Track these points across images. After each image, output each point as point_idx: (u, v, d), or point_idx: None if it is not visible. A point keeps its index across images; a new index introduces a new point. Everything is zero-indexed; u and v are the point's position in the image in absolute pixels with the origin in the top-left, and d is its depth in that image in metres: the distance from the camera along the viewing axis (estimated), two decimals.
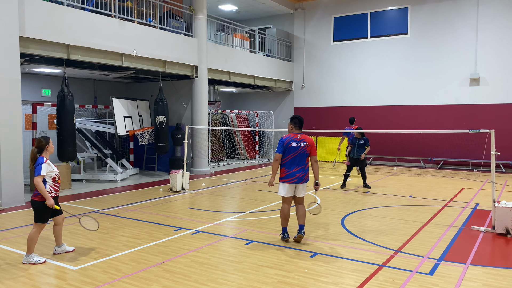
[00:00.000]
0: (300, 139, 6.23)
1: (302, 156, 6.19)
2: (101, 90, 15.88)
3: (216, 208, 8.92)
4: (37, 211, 5.48)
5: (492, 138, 7.00)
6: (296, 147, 6.17)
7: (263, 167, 16.53)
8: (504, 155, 14.52)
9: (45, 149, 5.55)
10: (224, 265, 5.35)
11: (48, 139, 5.61)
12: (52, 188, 5.55)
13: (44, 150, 5.54)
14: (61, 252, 5.84)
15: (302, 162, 6.20)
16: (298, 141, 6.21)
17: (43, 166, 5.40)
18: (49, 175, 5.49)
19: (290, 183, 6.19)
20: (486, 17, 15.20)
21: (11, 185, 8.81)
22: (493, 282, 4.80)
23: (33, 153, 5.54)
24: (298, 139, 6.23)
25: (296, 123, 6.36)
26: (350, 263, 5.43)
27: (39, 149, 5.52)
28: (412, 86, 16.68)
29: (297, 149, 6.17)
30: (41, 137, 5.62)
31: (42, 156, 5.52)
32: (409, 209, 8.76)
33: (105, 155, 13.19)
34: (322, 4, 18.70)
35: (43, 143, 5.52)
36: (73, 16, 10.04)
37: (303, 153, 6.19)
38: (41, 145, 5.52)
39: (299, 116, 6.43)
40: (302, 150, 6.19)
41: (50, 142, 5.62)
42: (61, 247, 5.85)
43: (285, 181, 6.21)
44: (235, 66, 15.76)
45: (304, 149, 6.20)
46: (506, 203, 6.75)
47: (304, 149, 6.20)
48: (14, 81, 8.85)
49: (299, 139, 6.23)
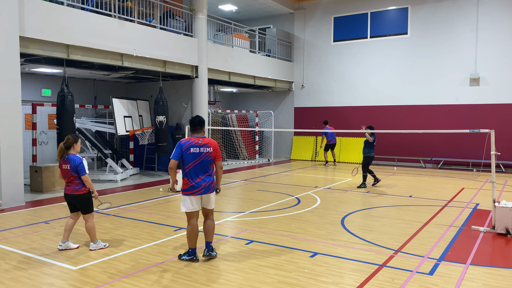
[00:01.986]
0: (203, 143, 5.35)
1: (206, 163, 5.36)
2: (101, 90, 15.88)
3: (216, 208, 8.87)
4: (85, 203, 5.93)
5: (492, 138, 7.00)
6: (198, 153, 5.30)
7: (263, 167, 16.54)
8: (504, 155, 14.52)
9: (73, 146, 5.92)
10: (224, 265, 5.35)
11: (77, 138, 6.02)
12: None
13: (72, 148, 5.91)
14: (65, 249, 5.91)
15: (207, 169, 5.38)
16: (201, 146, 5.33)
17: (86, 164, 5.88)
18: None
19: (196, 195, 5.34)
20: (486, 17, 15.20)
21: (11, 185, 8.81)
22: (493, 282, 4.80)
23: (61, 148, 5.89)
24: (200, 143, 5.34)
25: (194, 125, 5.47)
26: (350, 263, 5.43)
27: (67, 145, 5.88)
28: (412, 86, 16.68)
29: (200, 156, 5.30)
30: (71, 135, 5.99)
31: (73, 153, 5.90)
32: (409, 209, 8.76)
33: (105, 155, 13.20)
34: (322, 4, 18.70)
35: (71, 141, 5.92)
36: (73, 16, 10.04)
37: (206, 159, 5.35)
38: (69, 142, 5.91)
39: (197, 117, 5.50)
40: (206, 156, 5.34)
41: (78, 141, 6.02)
42: (65, 243, 5.96)
43: (189, 193, 5.32)
44: (235, 66, 15.76)
45: (208, 155, 5.36)
46: (506, 203, 6.76)
47: (208, 155, 5.36)
48: (14, 81, 8.85)
49: (202, 144, 5.34)
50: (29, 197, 9.83)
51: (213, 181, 5.47)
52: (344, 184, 12.07)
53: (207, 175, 5.39)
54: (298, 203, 9.29)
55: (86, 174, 5.84)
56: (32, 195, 10.20)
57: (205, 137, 5.48)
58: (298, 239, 6.48)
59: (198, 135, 5.46)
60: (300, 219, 7.82)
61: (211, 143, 5.41)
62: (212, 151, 5.40)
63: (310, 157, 18.87)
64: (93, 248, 5.92)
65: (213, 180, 5.46)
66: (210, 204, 5.50)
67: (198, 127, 5.46)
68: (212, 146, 5.41)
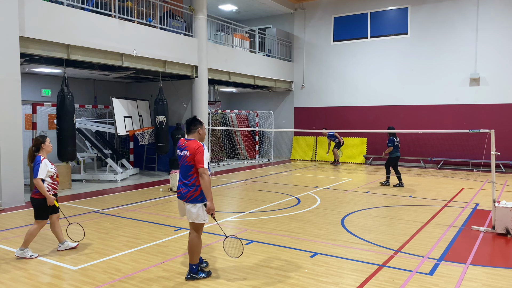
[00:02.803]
0: (184, 146, 4.83)
1: (184, 168, 4.80)
2: (101, 90, 15.88)
3: (216, 208, 8.88)
4: (37, 209, 5.67)
5: (492, 138, 7.00)
6: (180, 155, 4.87)
7: (263, 167, 16.53)
8: (504, 155, 14.51)
9: (41, 147, 5.69)
10: (224, 265, 5.35)
11: (45, 137, 5.76)
12: (50, 187, 5.70)
13: (41, 149, 5.69)
14: (65, 249, 5.90)
15: (186, 176, 4.78)
16: (182, 148, 4.84)
17: (41, 166, 5.54)
18: (47, 174, 5.60)
19: (177, 197, 4.95)
20: (486, 17, 15.20)
21: (11, 185, 8.81)
22: (493, 282, 4.80)
23: (30, 151, 5.70)
24: (182, 146, 4.86)
25: (186, 126, 5.00)
26: (350, 263, 5.43)
27: (36, 147, 5.68)
28: (412, 86, 16.68)
29: (180, 159, 4.86)
30: (38, 136, 5.78)
31: (40, 155, 5.65)
32: (409, 209, 8.76)
33: (105, 155, 13.19)
34: (322, 4, 18.70)
35: (39, 141, 5.69)
36: (73, 16, 10.04)
37: (183, 164, 4.80)
38: (37, 143, 5.69)
39: (192, 117, 5.07)
40: (184, 160, 4.79)
41: (46, 140, 5.75)
42: (64, 243, 5.93)
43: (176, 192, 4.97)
44: (235, 66, 15.76)
45: (185, 159, 4.76)
46: (506, 203, 6.75)
47: (185, 159, 4.76)
48: (14, 81, 8.85)
49: (183, 146, 4.84)
50: (29, 197, 9.81)
51: (193, 191, 4.73)
52: (344, 184, 12.07)
53: (184, 182, 4.78)
54: (298, 203, 9.29)
55: (37, 177, 5.47)
56: None
57: (192, 139, 4.86)
58: (298, 239, 6.48)
59: (189, 136, 4.94)
60: (300, 219, 7.82)
61: (190, 146, 4.75)
62: (189, 155, 4.72)
63: (310, 157, 18.87)
64: (18, 254, 5.57)
65: (190, 189, 4.73)
66: (188, 215, 4.78)
67: (191, 127, 4.93)
68: (190, 150, 4.72)
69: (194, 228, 4.82)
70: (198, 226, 4.81)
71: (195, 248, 4.81)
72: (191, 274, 4.85)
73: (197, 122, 4.95)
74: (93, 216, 7.86)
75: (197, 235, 4.82)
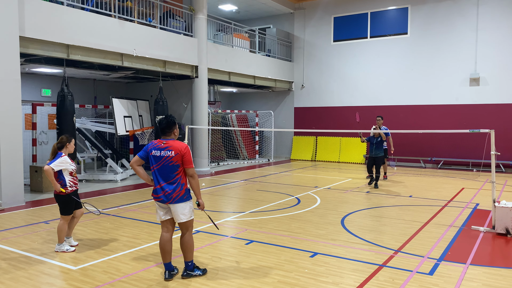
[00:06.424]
0: (165, 146, 4.82)
1: (167, 169, 4.80)
2: (101, 90, 15.89)
3: (216, 208, 8.91)
4: (61, 204, 5.91)
5: (492, 138, 7.00)
6: (159, 156, 4.82)
7: (263, 167, 16.53)
8: (504, 155, 14.51)
9: (66, 146, 5.96)
10: (224, 265, 5.35)
11: (71, 138, 6.03)
12: (71, 182, 5.95)
13: (65, 147, 5.95)
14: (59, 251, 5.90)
15: (168, 177, 4.81)
16: (162, 149, 4.82)
17: (59, 160, 5.80)
18: (66, 170, 5.87)
19: (157, 201, 4.91)
20: (486, 17, 15.20)
21: (11, 185, 8.81)
22: (493, 282, 4.80)
23: (54, 148, 5.93)
24: (162, 146, 4.83)
25: (162, 128, 4.92)
26: (350, 263, 5.43)
27: (60, 144, 5.93)
28: (412, 86, 16.68)
29: (160, 160, 4.81)
30: (64, 135, 6.03)
31: (61, 152, 5.91)
32: (409, 209, 8.76)
33: (105, 155, 13.19)
34: (322, 4, 18.70)
35: (64, 141, 5.96)
36: (73, 16, 10.04)
37: (167, 164, 4.79)
38: (62, 141, 5.95)
39: (166, 117, 4.96)
40: (166, 161, 4.78)
41: (72, 141, 6.04)
42: (67, 239, 6.04)
43: (153, 196, 4.95)
44: (235, 66, 15.76)
45: (169, 159, 4.77)
46: (506, 203, 6.76)
47: (169, 160, 4.77)
48: (14, 81, 8.85)
49: (163, 147, 4.82)
50: (29, 197, 9.83)
51: (178, 191, 4.79)
52: (344, 184, 12.07)
53: (167, 183, 4.79)
54: (298, 203, 9.29)
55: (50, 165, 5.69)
56: (32, 195, 10.20)
57: (172, 139, 4.88)
58: (298, 239, 6.48)
59: (165, 137, 4.91)
60: (300, 219, 7.82)
61: (174, 147, 4.77)
62: (174, 156, 4.75)
63: (310, 157, 18.87)
64: (57, 249, 5.87)
65: (176, 189, 4.79)
66: (177, 216, 4.82)
67: (166, 130, 4.89)
68: (175, 150, 4.75)
69: (185, 227, 4.90)
70: (188, 224, 4.91)
71: (190, 246, 4.92)
72: (187, 271, 4.93)
73: (173, 124, 4.92)
74: (93, 216, 7.86)
75: (189, 233, 4.93)
